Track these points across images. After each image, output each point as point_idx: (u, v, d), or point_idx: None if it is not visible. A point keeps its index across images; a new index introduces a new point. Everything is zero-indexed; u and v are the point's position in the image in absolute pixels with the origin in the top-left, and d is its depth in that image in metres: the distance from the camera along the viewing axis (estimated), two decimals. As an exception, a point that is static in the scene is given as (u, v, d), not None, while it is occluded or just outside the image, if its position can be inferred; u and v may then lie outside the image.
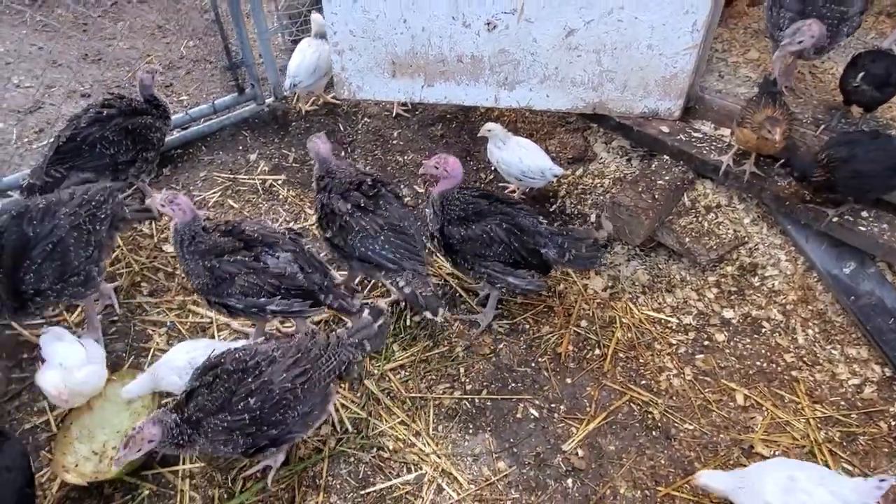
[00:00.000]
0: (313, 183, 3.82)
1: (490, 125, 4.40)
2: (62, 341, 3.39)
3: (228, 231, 3.47)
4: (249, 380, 2.87)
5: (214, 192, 4.84)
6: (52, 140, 4.36)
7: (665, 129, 4.28)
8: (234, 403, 2.83)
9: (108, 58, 6.13)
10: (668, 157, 4.23)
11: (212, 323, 4.02)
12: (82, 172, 4.17)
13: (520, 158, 4.35)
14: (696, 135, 4.27)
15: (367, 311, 3.25)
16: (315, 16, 5.27)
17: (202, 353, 3.19)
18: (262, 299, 3.42)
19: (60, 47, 6.20)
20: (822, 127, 4.02)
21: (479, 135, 4.51)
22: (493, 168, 4.72)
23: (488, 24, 4.08)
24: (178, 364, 3.33)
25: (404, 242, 3.67)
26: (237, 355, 2.95)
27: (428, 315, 3.62)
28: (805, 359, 3.81)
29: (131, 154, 4.30)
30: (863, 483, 2.74)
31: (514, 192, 4.68)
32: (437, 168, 3.59)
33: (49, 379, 3.22)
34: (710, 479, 3.05)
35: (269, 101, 5.53)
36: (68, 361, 3.29)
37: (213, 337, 3.93)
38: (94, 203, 3.60)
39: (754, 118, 3.70)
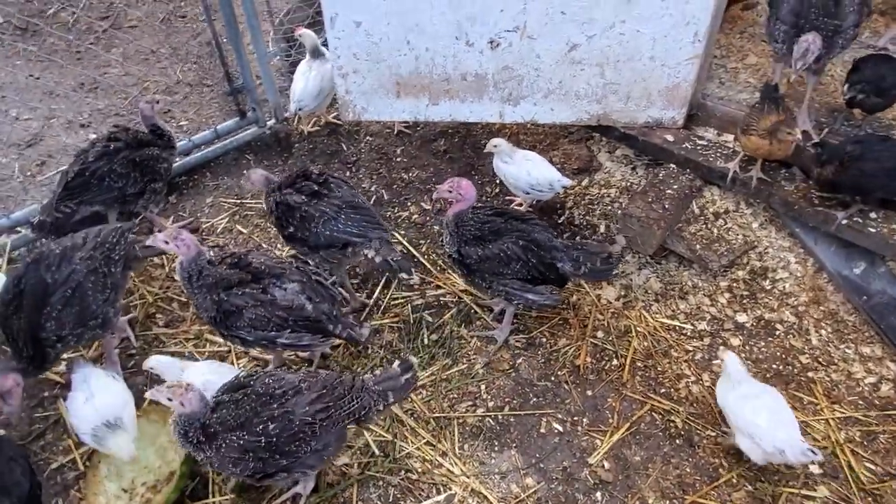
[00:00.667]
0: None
1: (496, 141, 4.43)
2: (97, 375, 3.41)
3: (235, 263, 3.47)
4: (274, 406, 2.91)
5: (222, 218, 4.85)
6: (59, 175, 4.37)
7: (670, 137, 4.34)
8: (254, 424, 2.87)
9: (104, 86, 6.12)
10: (674, 166, 4.28)
11: (230, 352, 4.03)
12: (91, 206, 4.19)
13: (527, 172, 4.39)
14: (700, 142, 4.33)
15: (397, 363, 3.26)
16: (305, 31, 5.16)
17: (219, 378, 3.22)
18: (272, 332, 3.44)
19: (56, 77, 6.18)
20: (826, 130, 4.08)
21: (485, 151, 4.55)
22: (498, 181, 4.76)
23: (491, 42, 4.12)
24: (193, 380, 3.33)
25: (364, 215, 3.85)
26: (267, 380, 3.00)
27: (403, 276, 3.85)
28: (820, 359, 3.87)
29: (139, 186, 4.32)
30: None
31: (520, 205, 4.72)
32: (451, 192, 3.63)
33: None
34: None
35: (270, 123, 5.54)
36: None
37: (232, 364, 3.94)
38: (107, 245, 3.60)
39: (760, 125, 3.76)
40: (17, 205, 4.81)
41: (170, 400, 2.86)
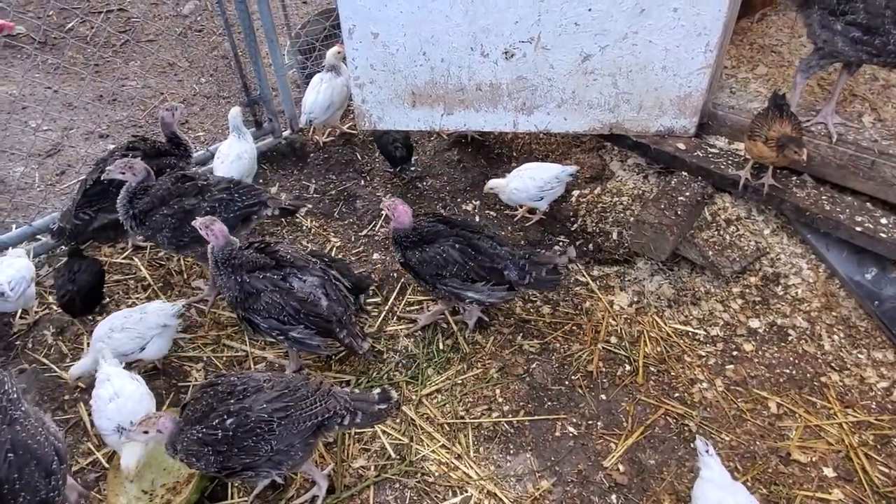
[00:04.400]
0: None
1: (492, 183, 4.65)
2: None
3: (261, 249, 3.62)
4: (232, 401, 3.00)
5: (239, 226, 4.92)
6: (78, 183, 4.46)
7: (681, 145, 4.40)
8: (211, 418, 2.96)
9: (123, 98, 6.24)
10: (686, 174, 4.34)
11: (247, 356, 4.08)
12: (109, 214, 4.26)
13: (531, 178, 4.51)
14: (712, 150, 4.38)
15: (378, 390, 3.32)
16: (330, 51, 5.34)
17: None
18: (286, 325, 3.52)
19: (74, 89, 6.30)
20: (836, 138, 4.13)
21: (484, 193, 4.76)
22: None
23: (506, 53, 4.21)
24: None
25: (247, 187, 4.17)
26: (233, 379, 3.10)
27: (302, 211, 4.40)
28: (833, 364, 3.89)
29: (156, 194, 4.39)
30: None
31: (532, 213, 4.78)
32: (386, 211, 3.87)
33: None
34: None
35: (286, 133, 5.63)
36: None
37: (250, 370, 4.00)
38: None
39: (766, 132, 3.82)
40: (38, 213, 4.90)
41: (146, 433, 3.00)
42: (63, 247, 4.54)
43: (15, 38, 6.61)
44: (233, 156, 4.76)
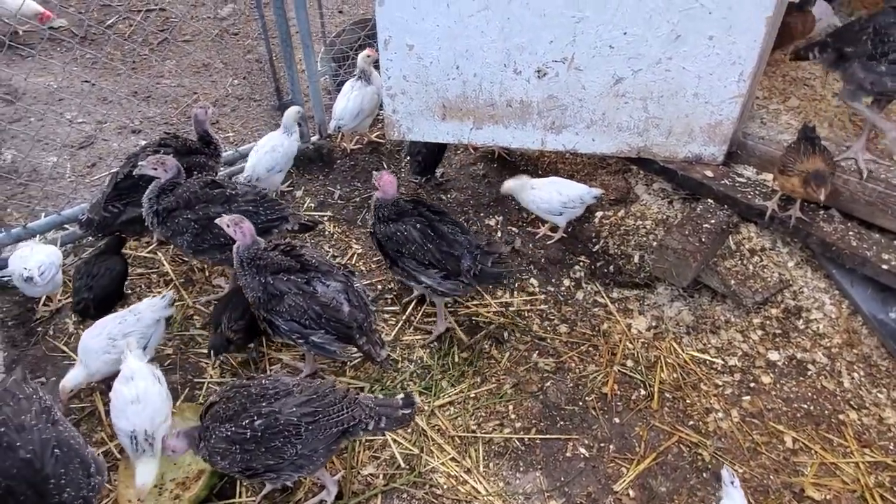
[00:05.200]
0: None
1: (509, 185, 4.67)
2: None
3: (287, 251, 3.64)
4: (263, 404, 3.03)
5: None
6: (109, 176, 4.53)
7: (709, 173, 4.39)
8: (241, 418, 2.99)
9: (157, 95, 6.34)
10: (712, 201, 4.32)
11: (264, 356, 4.11)
12: (138, 208, 4.32)
13: (558, 192, 4.53)
14: (739, 179, 4.37)
15: (400, 396, 3.33)
16: (361, 55, 5.39)
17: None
18: (307, 329, 3.54)
19: (110, 84, 6.43)
20: (866, 175, 4.11)
21: (502, 193, 4.80)
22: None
23: (539, 71, 4.23)
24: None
25: (272, 202, 4.25)
26: (264, 382, 3.13)
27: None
28: (852, 402, 3.84)
29: (184, 191, 4.46)
30: None
31: (554, 231, 4.79)
32: (375, 181, 3.96)
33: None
34: None
35: (314, 139, 5.69)
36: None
37: (265, 371, 4.03)
38: None
39: (797, 166, 3.81)
40: (68, 202, 4.98)
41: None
42: (92, 237, 4.62)
43: (57, 31, 6.75)
44: (268, 146, 4.91)
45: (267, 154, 4.88)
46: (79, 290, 3.98)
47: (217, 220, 3.61)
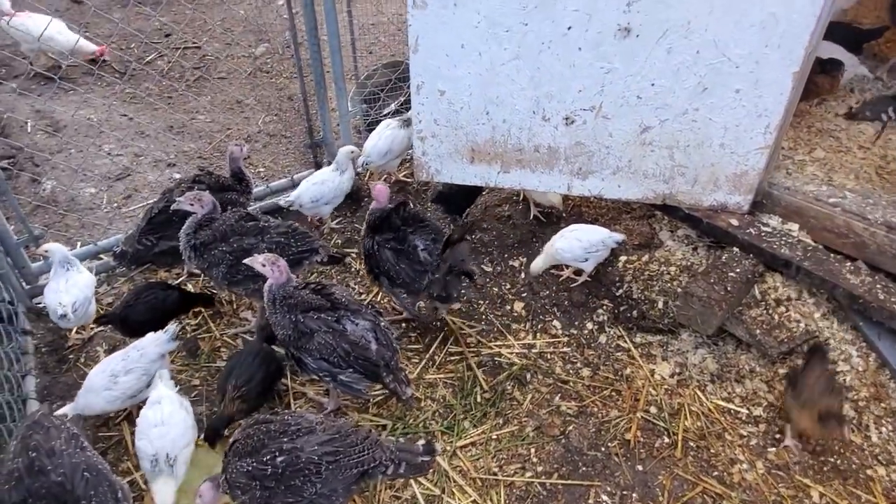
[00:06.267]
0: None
1: (537, 265, 4.71)
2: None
3: (317, 290, 3.70)
4: (284, 440, 3.06)
5: (291, 263, 5.05)
6: (144, 210, 4.66)
7: (734, 221, 4.42)
8: (262, 454, 3.01)
9: (191, 130, 6.53)
10: (737, 250, 4.35)
11: (287, 390, 4.16)
12: (171, 242, 4.44)
13: (577, 239, 4.55)
14: (765, 229, 4.39)
15: (421, 442, 3.36)
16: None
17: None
18: (336, 368, 3.58)
19: (148, 118, 6.63)
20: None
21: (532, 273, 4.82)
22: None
23: (567, 119, 4.32)
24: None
25: (303, 233, 4.38)
26: (287, 418, 3.16)
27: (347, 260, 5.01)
28: (880, 457, 3.79)
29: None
30: None
31: (578, 274, 4.82)
32: (371, 190, 4.31)
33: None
34: None
35: (343, 177, 5.80)
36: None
37: (288, 406, 4.07)
38: None
39: (815, 400, 3.61)
40: (104, 233, 5.12)
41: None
42: (125, 268, 4.73)
43: (98, 67, 7.00)
44: (318, 179, 5.14)
45: (315, 185, 5.08)
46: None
47: (248, 261, 3.66)
